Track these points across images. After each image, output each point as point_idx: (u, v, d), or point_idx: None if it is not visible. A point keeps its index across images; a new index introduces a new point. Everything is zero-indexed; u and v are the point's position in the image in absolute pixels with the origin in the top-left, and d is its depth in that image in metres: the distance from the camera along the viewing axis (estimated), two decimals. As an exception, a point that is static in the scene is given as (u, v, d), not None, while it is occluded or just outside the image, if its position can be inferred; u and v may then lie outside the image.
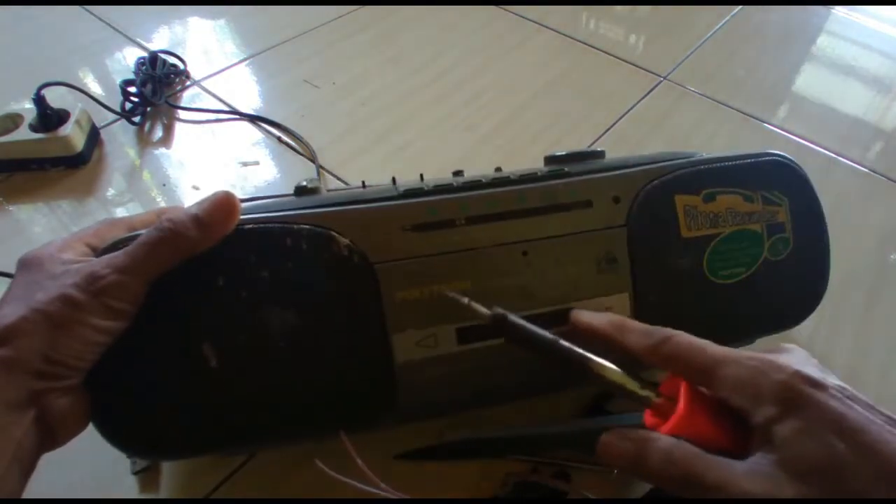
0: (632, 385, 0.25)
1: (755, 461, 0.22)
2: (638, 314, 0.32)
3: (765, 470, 0.22)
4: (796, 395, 0.22)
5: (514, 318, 0.26)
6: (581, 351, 0.26)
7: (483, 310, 0.26)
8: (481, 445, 0.36)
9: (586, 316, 0.30)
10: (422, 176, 0.35)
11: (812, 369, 0.24)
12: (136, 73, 0.60)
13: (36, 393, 0.25)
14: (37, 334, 0.24)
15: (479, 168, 0.35)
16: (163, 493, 0.35)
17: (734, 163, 0.34)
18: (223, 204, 0.28)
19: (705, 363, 0.24)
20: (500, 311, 0.26)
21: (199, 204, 0.28)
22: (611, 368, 0.25)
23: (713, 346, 0.25)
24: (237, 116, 0.60)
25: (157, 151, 0.57)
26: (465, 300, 0.27)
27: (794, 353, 0.25)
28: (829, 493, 0.21)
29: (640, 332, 0.27)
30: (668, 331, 0.26)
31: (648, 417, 0.25)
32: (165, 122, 0.60)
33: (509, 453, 0.36)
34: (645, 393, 0.25)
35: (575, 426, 0.36)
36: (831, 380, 0.23)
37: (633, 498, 0.34)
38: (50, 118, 0.52)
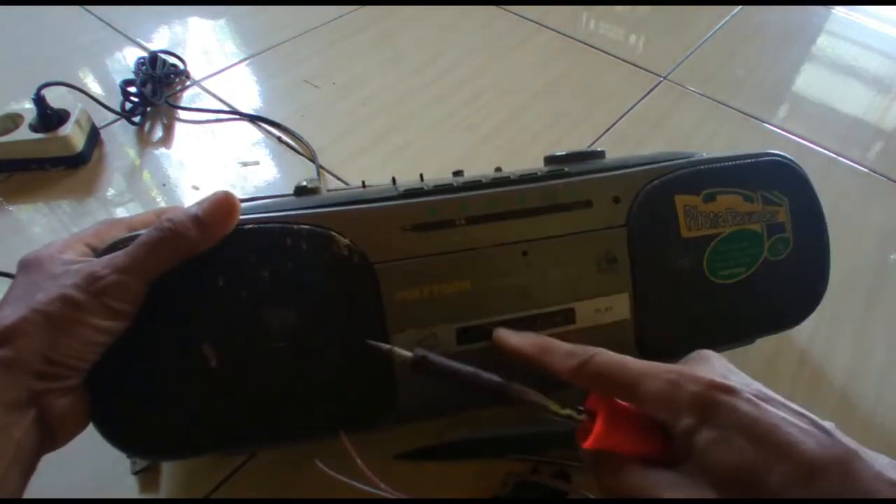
0: (554, 407, 0.26)
1: (680, 471, 0.23)
2: (638, 314, 0.32)
3: (687, 480, 0.23)
4: (710, 405, 0.23)
5: (434, 356, 0.27)
6: (499, 380, 0.27)
7: (405, 353, 0.27)
8: (481, 445, 0.36)
9: (510, 338, 0.29)
10: (422, 176, 0.35)
11: (730, 375, 0.24)
12: (136, 73, 0.60)
13: (36, 393, 0.25)
14: (37, 335, 0.24)
15: (479, 168, 0.35)
16: (163, 493, 0.35)
17: (734, 163, 0.34)
18: (223, 204, 0.28)
19: (626, 380, 0.25)
20: (420, 351, 0.27)
21: (198, 204, 0.28)
22: (529, 392, 0.26)
23: (633, 363, 0.25)
24: (237, 116, 0.60)
25: (157, 151, 0.57)
26: (386, 347, 0.28)
27: (710, 361, 0.26)
28: (748, 495, 0.21)
29: (563, 354, 0.27)
30: (590, 350, 0.26)
31: (578, 435, 0.26)
32: (165, 122, 0.60)
33: (509, 453, 0.36)
34: (566, 412, 0.26)
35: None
36: (749, 383, 0.24)
37: (633, 498, 0.34)
38: (50, 118, 0.52)
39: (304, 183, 0.33)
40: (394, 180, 0.34)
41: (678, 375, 0.24)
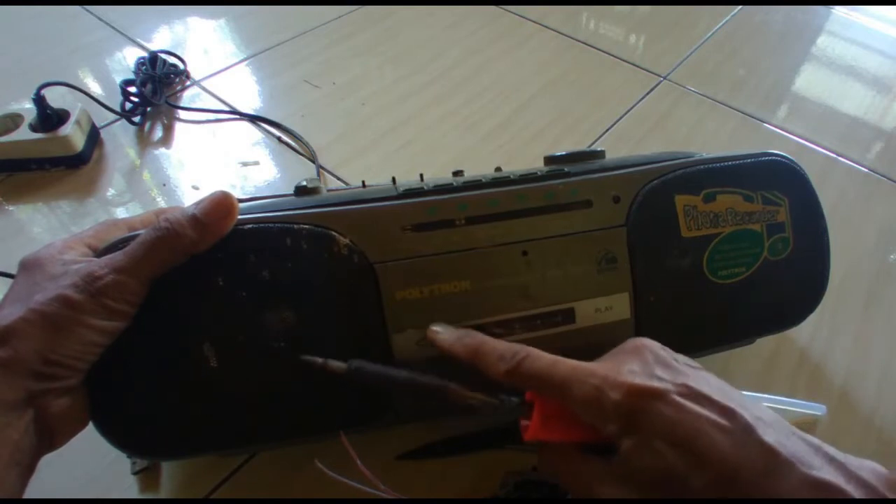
0: (492, 401, 0.27)
1: (612, 463, 0.24)
2: (638, 314, 0.32)
3: (617, 476, 0.24)
4: (632, 412, 0.23)
5: (368, 366, 0.28)
6: (438, 381, 0.27)
7: (339, 364, 0.27)
8: (481, 438, 0.36)
9: (441, 337, 0.29)
10: (422, 176, 0.35)
11: (658, 368, 0.25)
12: (136, 73, 0.60)
13: (34, 394, 0.25)
14: (35, 335, 0.24)
15: (479, 168, 0.35)
16: (163, 493, 0.35)
17: (734, 163, 0.34)
18: (221, 204, 0.28)
19: (555, 384, 0.25)
20: (355, 362, 0.27)
21: (197, 204, 0.28)
22: (466, 394, 0.27)
23: (562, 365, 0.26)
24: (237, 116, 0.60)
25: (157, 151, 0.57)
26: (320, 360, 0.28)
27: (642, 352, 0.26)
28: (672, 495, 0.22)
29: (495, 357, 0.27)
30: (521, 353, 0.27)
31: (521, 427, 0.26)
32: (165, 122, 0.60)
33: (510, 443, 0.36)
34: (511, 402, 0.27)
35: None
36: (679, 373, 0.24)
37: (633, 498, 0.34)
38: (50, 118, 0.52)
39: (304, 183, 0.33)
40: (394, 180, 0.34)
41: (602, 381, 0.24)
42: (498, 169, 0.35)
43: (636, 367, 0.25)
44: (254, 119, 0.60)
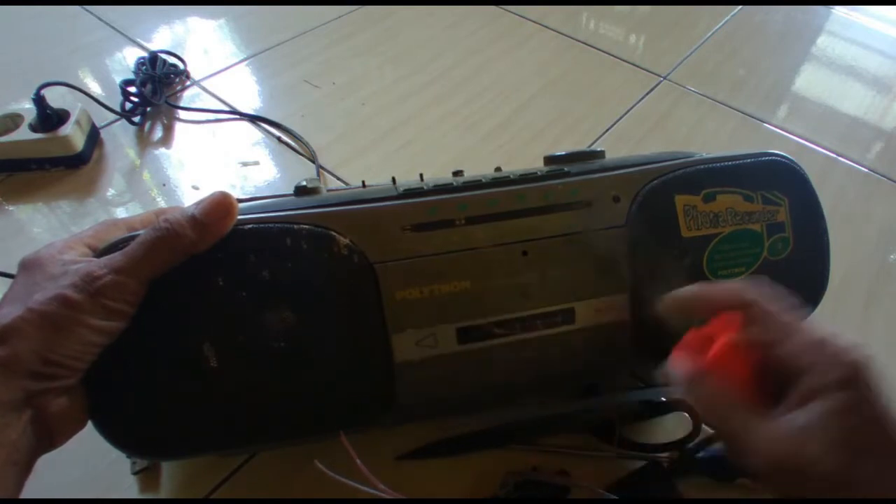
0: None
1: (790, 420, 0.23)
2: (638, 314, 0.32)
3: (800, 431, 0.22)
4: (861, 373, 0.23)
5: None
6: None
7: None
8: (482, 437, 0.36)
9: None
10: (422, 176, 0.35)
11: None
12: (136, 73, 0.60)
13: (32, 393, 0.25)
14: (33, 335, 0.24)
15: (479, 168, 0.35)
16: (163, 493, 0.35)
17: (734, 163, 0.34)
18: (220, 204, 0.28)
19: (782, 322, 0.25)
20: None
21: (196, 205, 0.28)
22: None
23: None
24: (237, 116, 0.60)
25: (157, 151, 0.57)
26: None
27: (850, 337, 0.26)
28: (853, 465, 0.21)
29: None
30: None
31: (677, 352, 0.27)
32: (165, 122, 0.60)
33: (510, 443, 0.36)
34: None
35: (574, 407, 0.36)
36: None
37: (633, 498, 0.34)
38: (50, 118, 0.52)
39: (304, 183, 0.33)
40: (394, 180, 0.34)
41: (835, 334, 0.24)
42: (498, 169, 0.35)
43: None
44: (254, 119, 0.60)
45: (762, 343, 0.25)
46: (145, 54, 0.63)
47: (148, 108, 0.59)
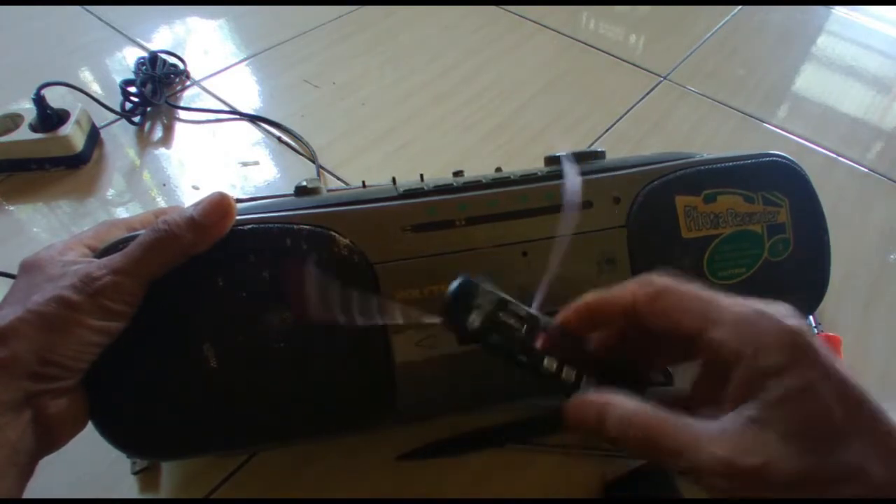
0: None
1: (732, 418, 0.20)
2: (638, 314, 0.32)
3: (745, 427, 0.20)
4: (804, 347, 0.20)
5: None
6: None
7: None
8: (482, 437, 0.36)
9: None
10: (422, 176, 0.35)
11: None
12: (136, 73, 0.60)
13: (32, 394, 0.25)
14: (32, 335, 0.24)
15: (479, 168, 0.35)
16: (163, 493, 0.35)
17: (734, 163, 0.34)
18: (218, 205, 0.28)
19: (702, 301, 0.23)
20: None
21: (195, 205, 0.28)
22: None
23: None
24: (237, 116, 0.60)
25: (157, 151, 0.57)
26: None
27: (782, 305, 0.23)
28: (817, 459, 0.19)
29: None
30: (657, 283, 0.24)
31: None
32: (165, 122, 0.60)
33: (510, 441, 0.36)
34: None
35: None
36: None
37: (633, 497, 0.34)
38: (50, 118, 0.52)
39: (304, 183, 0.33)
40: (394, 180, 0.34)
41: (764, 305, 0.22)
42: (498, 169, 0.35)
43: (789, 311, 0.22)
44: (254, 119, 0.60)
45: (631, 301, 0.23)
46: (145, 54, 0.63)
47: (148, 108, 0.59)
